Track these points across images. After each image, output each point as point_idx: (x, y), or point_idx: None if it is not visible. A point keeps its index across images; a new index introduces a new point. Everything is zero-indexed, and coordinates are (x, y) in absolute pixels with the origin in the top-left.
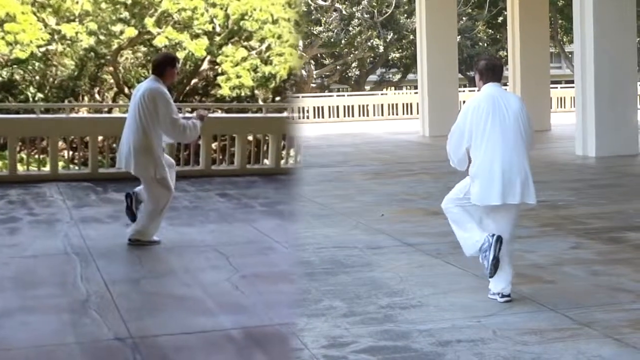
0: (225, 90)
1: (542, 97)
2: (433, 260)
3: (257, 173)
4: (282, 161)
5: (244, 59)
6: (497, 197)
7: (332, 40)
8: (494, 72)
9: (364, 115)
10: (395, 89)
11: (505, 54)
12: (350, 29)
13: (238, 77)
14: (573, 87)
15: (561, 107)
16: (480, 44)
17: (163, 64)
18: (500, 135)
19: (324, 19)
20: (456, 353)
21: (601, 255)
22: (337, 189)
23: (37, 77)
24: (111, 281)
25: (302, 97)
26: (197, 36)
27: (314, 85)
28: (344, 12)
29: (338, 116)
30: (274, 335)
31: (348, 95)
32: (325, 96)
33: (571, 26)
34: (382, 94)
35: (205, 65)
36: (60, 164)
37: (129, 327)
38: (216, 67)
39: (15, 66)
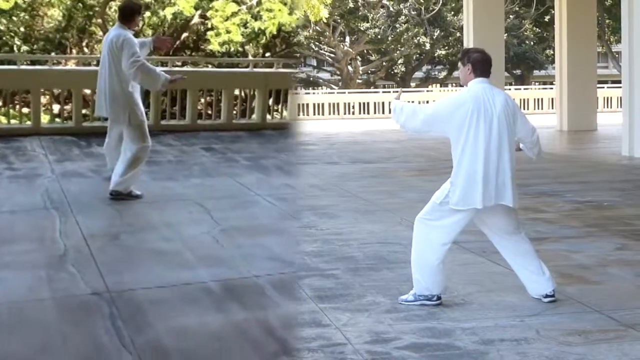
0: (214, 46)
1: (589, 96)
2: (477, 259)
3: (243, 128)
4: (269, 116)
5: (234, 14)
6: (480, 201)
7: (378, 36)
8: (487, 67)
9: None
10: (440, 86)
11: (552, 52)
12: (397, 25)
13: (227, 32)
14: (620, 87)
15: (608, 107)
16: (527, 42)
17: (129, 12)
18: (483, 138)
19: (371, 15)
20: (499, 352)
21: None
22: (382, 185)
23: (22, 29)
24: (90, 236)
25: (348, 93)
26: None
27: (359, 81)
28: (391, 9)
29: (383, 112)
30: (250, 287)
31: (393, 92)
32: (370, 92)
33: (619, 26)
34: (427, 91)
35: (195, 19)
36: (47, 117)
37: (107, 281)
38: (206, 21)
39: None
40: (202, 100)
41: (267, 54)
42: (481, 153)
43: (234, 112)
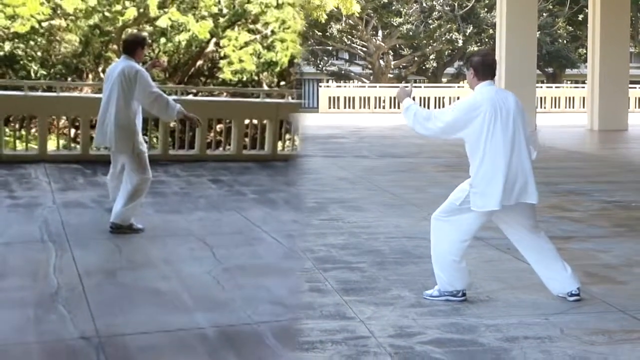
0: (227, 75)
1: (620, 96)
2: (502, 256)
3: (252, 159)
4: (279, 148)
5: (247, 44)
6: (503, 200)
7: (411, 32)
8: (491, 69)
9: (440, 107)
10: None
11: (585, 51)
12: (430, 21)
13: (241, 61)
14: None
15: (639, 107)
16: (560, 40)
17: (134, 44)
18: (502, 140)
19: (404, 10)
20: (522, 349)
21: None
22: (410, 180)
23: (39, 53)
24: (85, 272)
25: (379, 87)
26: (202, 18)
27: (391, 75)
28: (424, 4)
29: (412, 91)
30: (249, 335)
31: (425, 87)
32: (401, 86)
33: None
34: (458, 87)
35: (210, 47)
36: (61, 142)
37: (97, 324)
38: (219, 49)
39: (16, 40)
40: (212, 130)
41: (282, 83)
42: (502, 155)
43: (244, 142)
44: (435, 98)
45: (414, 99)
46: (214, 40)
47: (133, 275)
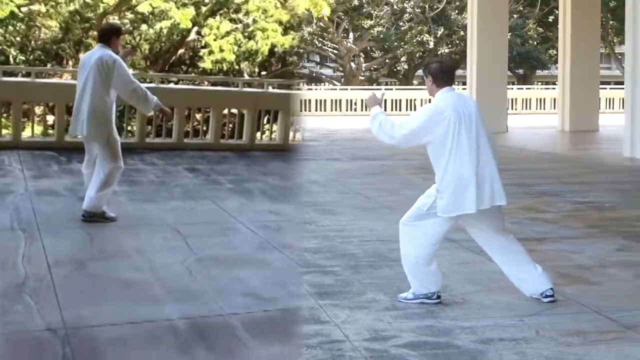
0: (207, 64)
1: (591, 97)
2: (476, 257)
3: (231, 148)
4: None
5: (228, 33)
6: (471, 206)
7: (382, 34)
8: (449, 75)
9: (412, 109)
10: None
11: (555, 52)
12: (401, 23)
13: (221, 50)
14: (622, 88)
15: (610, 108)
16: (530, 42)
17: (109, 33)
18: (467, 143)
19: (375, 12)
20: (498, 351)
21: None
22: (383, 183)
23: (18, 39)
24: (55, 262)
25: (351, 89)
26: (184, 5)
27: (362, 78)
28: (395, 6)
29: (386, 109)
30: (220, 327)
31: (396, 89)
32: (373, 89)
33: (622, 27)
34: None
35: (192, 36)
36: (40, 129)
37: (64, 315)
38: (201, 39)
39: None
40: (191, 118)
41: (263, 73)
42: (469, 158)
43: (223, 132)
44: (407, 100)
45: (385, 102)
46: (195, 29)
47: (104, 265)
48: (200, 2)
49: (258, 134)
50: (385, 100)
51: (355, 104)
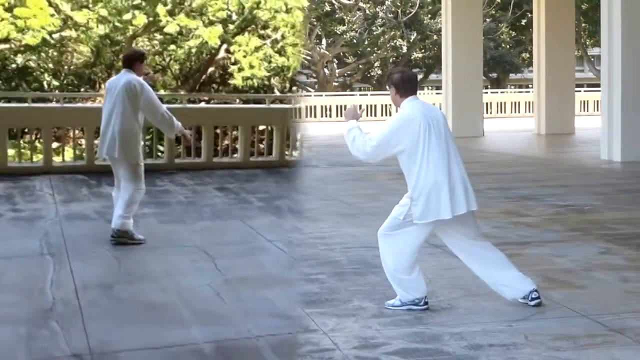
0: (237, 81)
1: (567, 100)
2: (461, 263)
3: (260, 166)
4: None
5: (257, 49)
6: (447, 211)
7: (355, 39)
8: (412, 84)
9: (387, 115)
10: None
11: (528, 56)
12: (374, 28)
13: (251, 67)
14: (595, 90)
15: (584, 110)
16: (503, 45)
17: (133, 59)
18: (438, 150)
19: (348, 18)
20: (488, 357)
21: (631, 261)
22: (363, 189)
23: (51, 65)
24: (82, 286)
25: (325, 95)
26: (211, 23)
27: (336, 84)
28: (367, 11)
29: (361, 115)
30: (247, 350)
31: (371, 95)
32: (347, 95)
33: (595, 29)
34: None
35: (221, 54)
36: (74, 153)
37: (90, 340)
38: (230, 56)
39: (28, 53)
40: (219, 137)
41: (294, 88)
42: (441, 164)
43: (252, 149)
44: (382, 106)
45: (360, 106)
46: (224, 46)
47: (131, 289)
48: (228, 19)
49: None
50: (360, 106)
51: (330, 110)
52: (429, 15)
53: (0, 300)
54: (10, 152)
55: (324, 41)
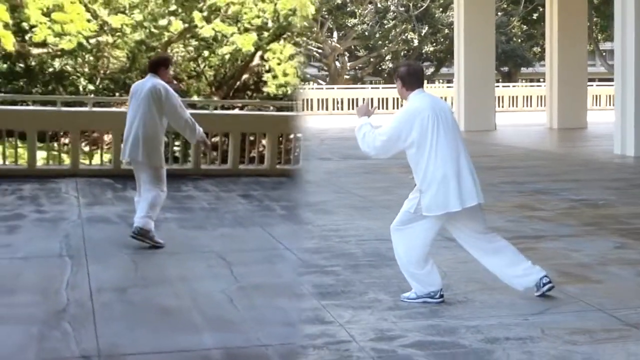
0: (271, 88)
1: (579, 94)
2: None
3: (286, 173)
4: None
5: (292, 57)
6: (455, 203)
7: (366, 33)
8: (418, 78)
9: (398, 108)
10: (428, 83)
11: (540, 50)
12: (385, 22)
13: (285, 74)
14: (607, 85)
15: (596, 105)
16: (515, 39)
17: (158, 64)
18: (446, 142)
19: (359, 11)
20: (505, 351)
21: None
22: (376, 182)
23: (87, 69)
24: (98, 289)
25: (337, 88)
26: (246, 30)
27: (347, 77)
28: (379, 4)
29: (373, 112)
30: (256, 358)
31: (382, 88)
32: (359, 88)
33: (607, 24)
34: None
35: (256, 61)
36: (108, 157)
37: (100, 343)
38: (264, 63)
39: (65, 57)
40: (246, 144)
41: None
42: (449, 156)
43: (278, 156)
44: (393, 99)
45: (372, 100)
46: (259, 53)
47: (145, 293)
48: (263, 27)
49: None
50: (372, 99)
51: (341, 103)
52: (441, 9)
53: (15, 300)
54: (42, 154)
55: (335, 34)
